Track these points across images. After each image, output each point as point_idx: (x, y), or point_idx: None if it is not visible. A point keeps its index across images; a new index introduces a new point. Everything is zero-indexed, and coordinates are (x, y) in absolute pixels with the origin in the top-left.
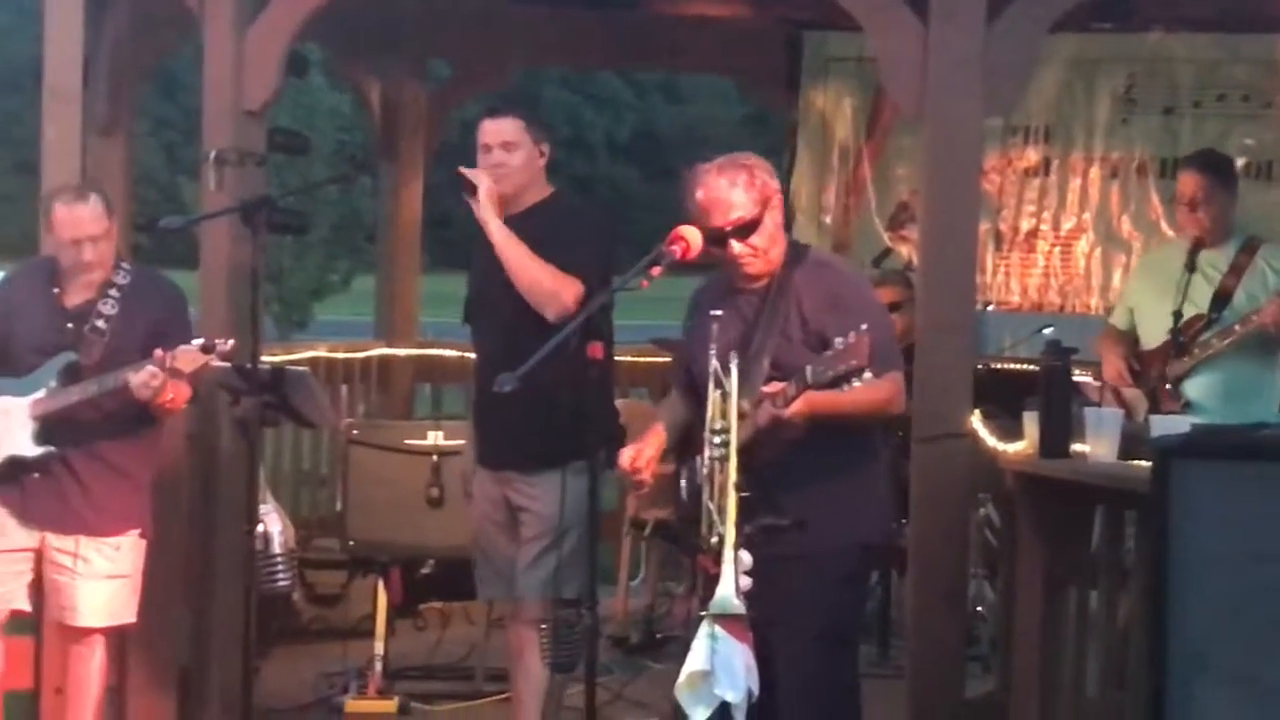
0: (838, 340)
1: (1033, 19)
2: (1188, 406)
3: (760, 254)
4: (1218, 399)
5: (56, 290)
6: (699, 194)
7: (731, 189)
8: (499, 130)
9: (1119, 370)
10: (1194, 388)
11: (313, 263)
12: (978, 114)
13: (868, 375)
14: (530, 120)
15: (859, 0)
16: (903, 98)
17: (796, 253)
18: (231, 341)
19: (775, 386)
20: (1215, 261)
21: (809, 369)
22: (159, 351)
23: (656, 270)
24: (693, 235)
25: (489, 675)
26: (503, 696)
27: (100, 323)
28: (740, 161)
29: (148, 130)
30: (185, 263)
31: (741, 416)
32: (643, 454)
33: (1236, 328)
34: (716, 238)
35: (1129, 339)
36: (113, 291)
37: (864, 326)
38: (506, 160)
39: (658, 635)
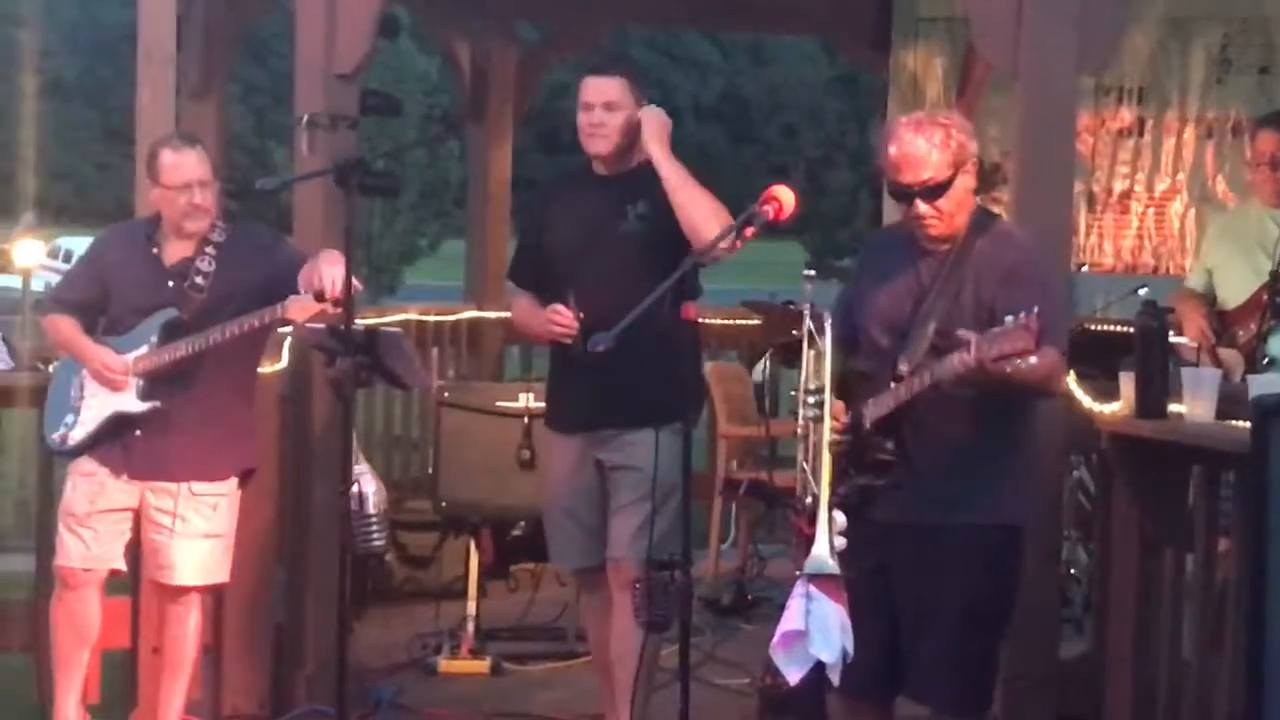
0: (1008, 318)
1: None
2: (1272, 363)
3: (945, 218)
4: None
5: (155, 250)
6: (891, 148)
7: (927, 148)
8: (602, 89)
9: (1202, 328)
10: (1277, 344)
11: (401, 227)
12: (1072, 71)
13: (1033, 360)
14: (633, 79)
15: None
16: (996, 55)
17: (982, 220)
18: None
19: (968, 334)
20: None
21: (975, 341)
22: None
23: (750, 231)
24: (785, 195)
25: (580, 635)
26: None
27: (199, 279)
28: (939, 120)
29: (237, 95)
30: (276, 227)
31: (898, 380)
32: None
33: None
34: (902, 194)
35: (1208, 299)
36: (209, 249)
37: (1035, 309)
38: (607, 120)
39: (749, 597)
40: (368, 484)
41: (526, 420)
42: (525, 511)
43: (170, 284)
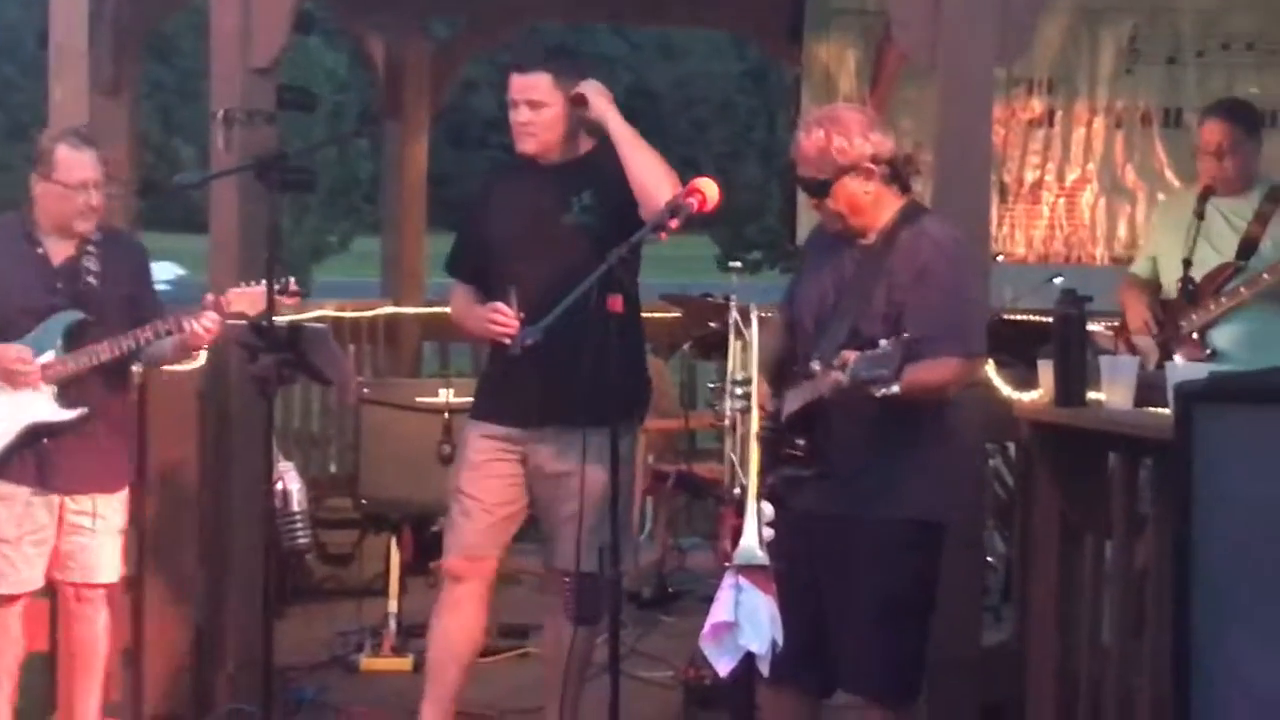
0: (883, 342)
1: None
2: (1214, 355)
3: (839, 218)
4: (1244, 349)
5: (39, 249)
6: (792, 143)
7: (809, 146)
8: (525, 86)
9: (1144, 319)
10: (1222, 336)
11: (311, 225)
12: (990, 62)
13: (895, 389)
14: (561, 73)
15: None
16: (914, 47)
17: (909, 215)
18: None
19: (846, 356)
20: (1240, 210)
21: (850, 366)
22: (211, 297)
23: (674, 223)
24: (709, 188)
25: (503, 631)
26: (518, 652)
27: (91, 279)
28: (829, 118)
29: (144, 93)
30: (182, 225)
31: (809, 376)
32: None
33: (1265, 276)
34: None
35: (1153, 287)
36: (90, 249)
37: (905, 335)
38: (534, 118)
39: (669, 589)
40: (291, 481)
41: (447, 416)
42: (444, 507)
43: (59, 284)
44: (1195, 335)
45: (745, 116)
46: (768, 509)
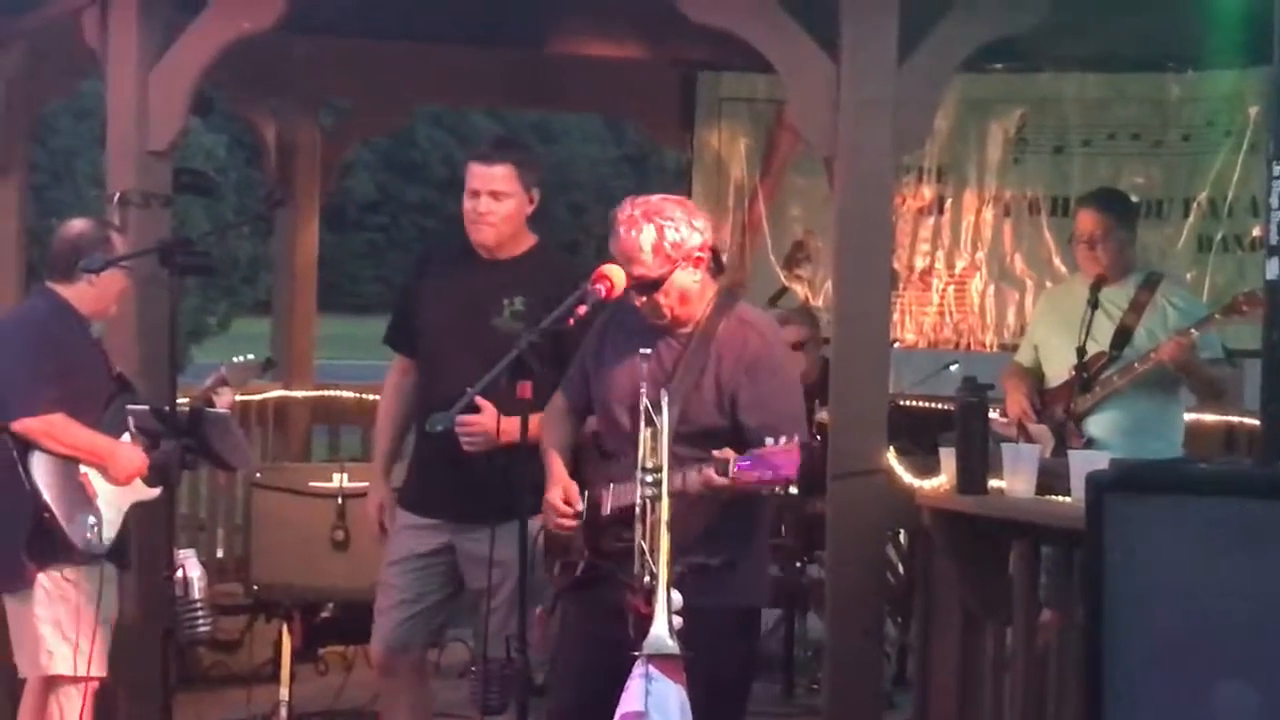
0: (769, 440)
1: (941, 58)
2: (1090, 443)
3: (667, 309)
4: (1120, 435)
5: (93, 337)
6: (612, 240)
7: (638, 243)
8: (488, 177)
9: (1023, 407)
10: (1096, 424)
11: (189, 305)
12: (889, 152)
13: (793, 490)
14: (523, 165)
15: (770, 40)
16: (814, 136)
17: (724, 303)
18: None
19: (725, 453)
20: (1116, 298)
21: (733, 466)
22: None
23: (582, 309)
24: (616, 274)
25: None
26: None
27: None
28: (655, 211)
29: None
30: None
31: (644, 469)
32: (571, 492)
33: (1136, 365)
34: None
35: (1034, 376)
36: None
37: (795, 436)
38: (494, 208)
39: None
40: (192, 569)
41: (340, 501)
42: (339, 593)
43: (111, 370)
44: (1073, 423)
45: (622, 199)
46: (677, 597)
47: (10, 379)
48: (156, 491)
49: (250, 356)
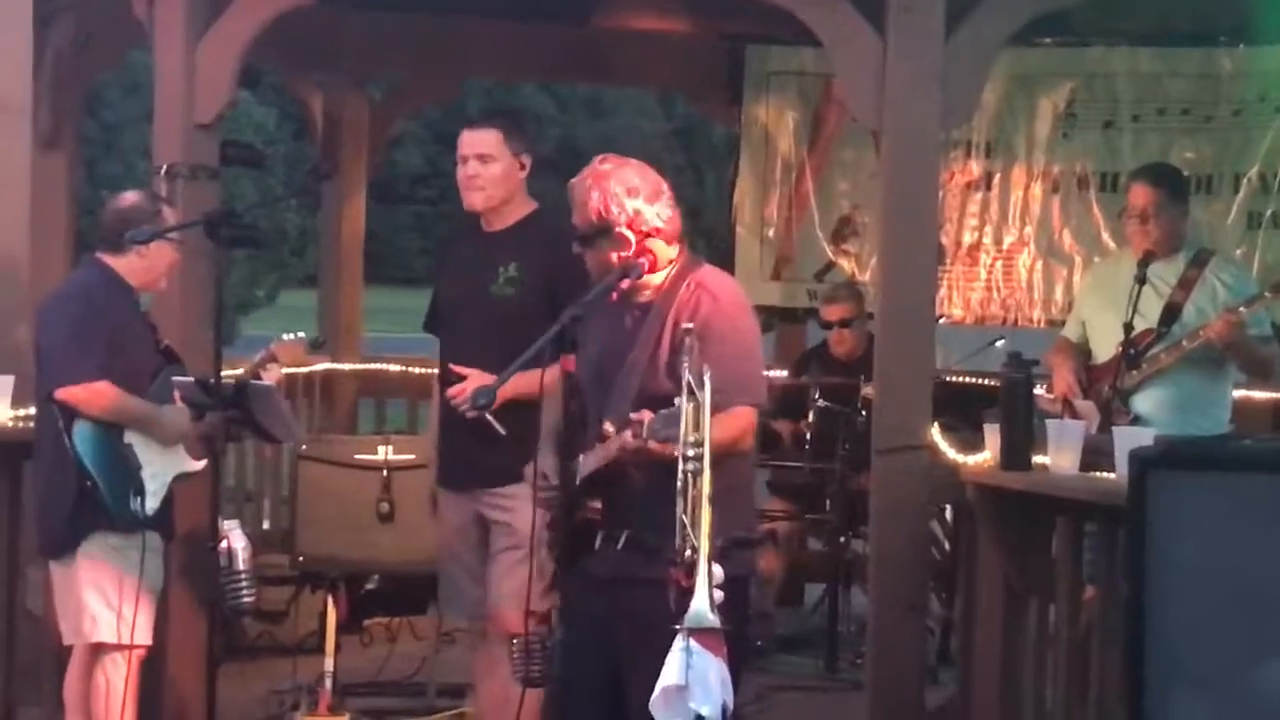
0: (677, 400)
1: (989, 32)
2: (1136, 420)
3: (602, 270)
4: (1167, 412)
5: (142, 309)
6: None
7: (580, 194)
8: (475, 141)
9: (1069, 383)
10: (1143, 402)
11: (238, 278)
12: (936, 127)
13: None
14: (510, 131)
15: (817, 14)
16: (861, 110)
17: (685, 269)
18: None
19: (641, 415)
20: (1165, 275)
21: (647, 424)
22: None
23: (626, 283)
24: (660, 249)
25: (440, 690)
26: (455, 712)
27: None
28: (594, 171)
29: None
30: None
31: (603, 439)
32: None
33: (1184, 343)
34: None
35: (1081, 352)
36: None
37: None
38: (481, 172)
39: None
40: (237, 539)
41: (385, 473)
42: (384, 565)
43: (158, 342)
44: (1117, 400)
45: (673, 174)
46: (719, 570)
47: (55, 348)
48: (202, 464)
49: (300, 334)
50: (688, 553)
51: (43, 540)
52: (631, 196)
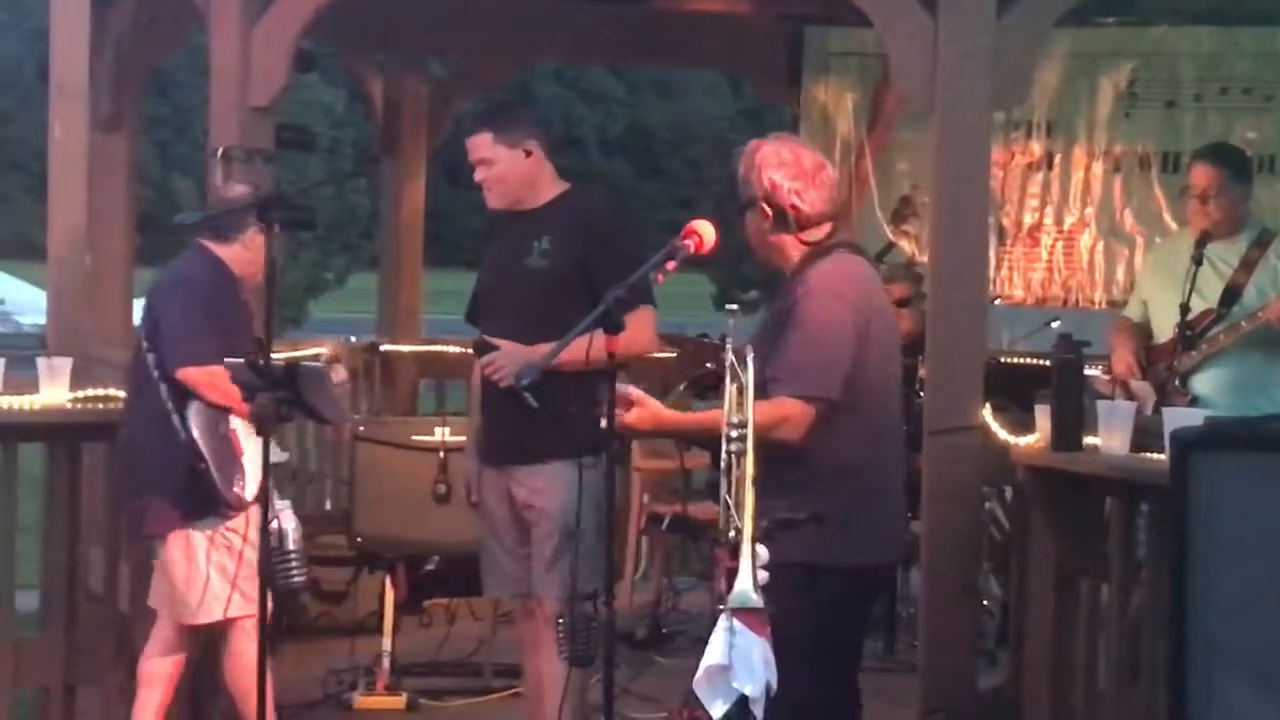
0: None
1: (1041, 12)
2: (1195, 401)
3: (753, 248)
4: (1226, 393)
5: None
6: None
7: (739, 162)
8: (471, 148)
9: (1128, 364)
10: (1201, 383)
11: (307, 260)
12: (987, 107)
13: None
14: (499, 128)
15: None
16: (912, 92)
17: (812, 259)
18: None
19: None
20: (1226, 255)
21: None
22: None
23: (671, 264)
24: (706, 230)
25: (497, 671)
26: (511, 692)
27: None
28: (756, 143)
29: (140, 128)
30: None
31: None
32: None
33: (1243, 324)
34: None
35: (1142, 331)
36: None
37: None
38: (487, 175)
39: (663, 630)
40: (287, 520)
41: (442, 455)
42: (440, 546)
43: (252, 332)
44: (1176, 381)
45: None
46: (762, 552)
47: (175, 329)
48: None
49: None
50: (730, 534)
51: (147, 519)
52: (774, 170)
